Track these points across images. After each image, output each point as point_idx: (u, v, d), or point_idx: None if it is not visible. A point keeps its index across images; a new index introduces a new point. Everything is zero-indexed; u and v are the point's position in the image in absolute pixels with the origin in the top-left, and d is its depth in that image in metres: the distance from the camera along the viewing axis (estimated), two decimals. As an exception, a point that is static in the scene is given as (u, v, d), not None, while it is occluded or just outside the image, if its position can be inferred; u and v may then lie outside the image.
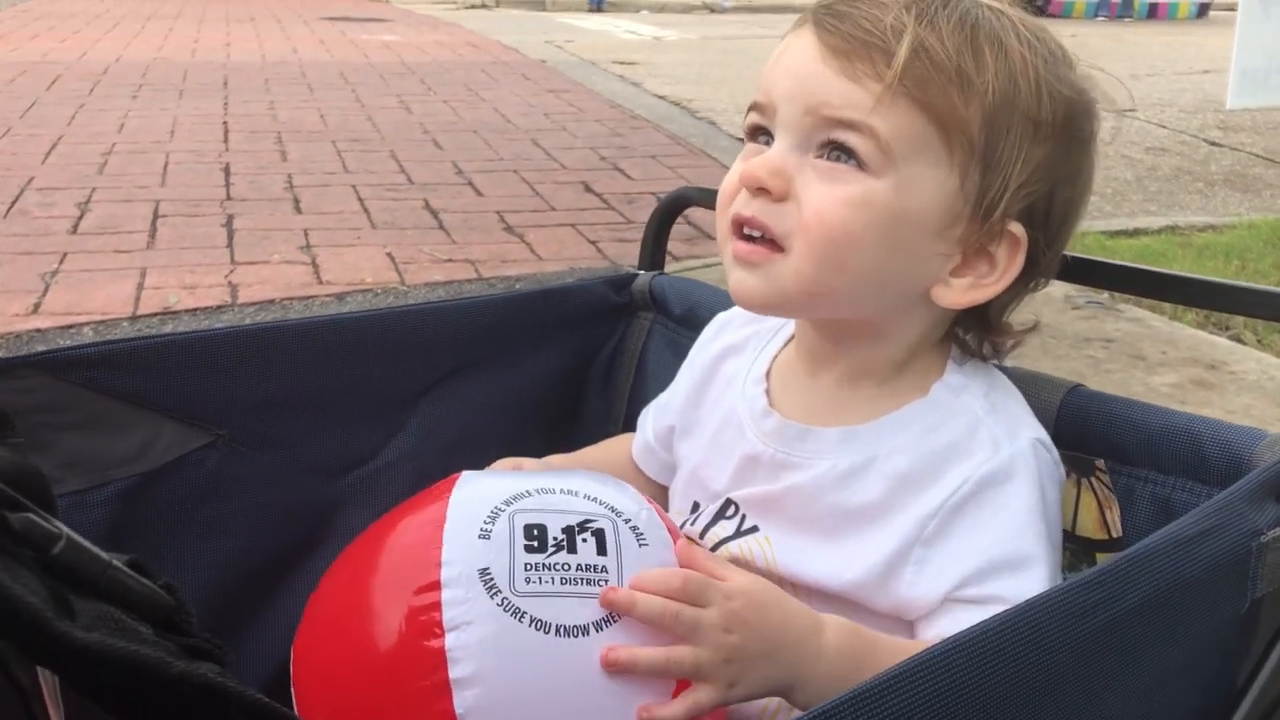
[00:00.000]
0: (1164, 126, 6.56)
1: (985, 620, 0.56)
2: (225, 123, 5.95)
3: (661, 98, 7.08)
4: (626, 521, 0.79)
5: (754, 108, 0.87)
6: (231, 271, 3.45)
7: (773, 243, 0.82)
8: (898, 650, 0.74)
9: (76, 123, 5.80)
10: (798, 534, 0.86)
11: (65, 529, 0.41)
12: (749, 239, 0.83)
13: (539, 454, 1.03)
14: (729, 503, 0.92)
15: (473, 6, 15.51)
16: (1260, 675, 0.71)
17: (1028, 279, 0.87)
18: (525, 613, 0.71)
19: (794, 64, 0.83)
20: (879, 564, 0.81)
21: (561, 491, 0.80)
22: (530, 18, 14.04)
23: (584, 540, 0.76)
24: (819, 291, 0.82)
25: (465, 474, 0.83)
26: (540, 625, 0.71)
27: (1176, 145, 6.03)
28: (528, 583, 0.72)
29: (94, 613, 0.40)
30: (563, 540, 0.75)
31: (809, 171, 0.81)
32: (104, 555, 0.43)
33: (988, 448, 0.81)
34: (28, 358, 0.86)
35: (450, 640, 0.69)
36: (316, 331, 1.01)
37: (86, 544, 0.42)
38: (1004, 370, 0.92)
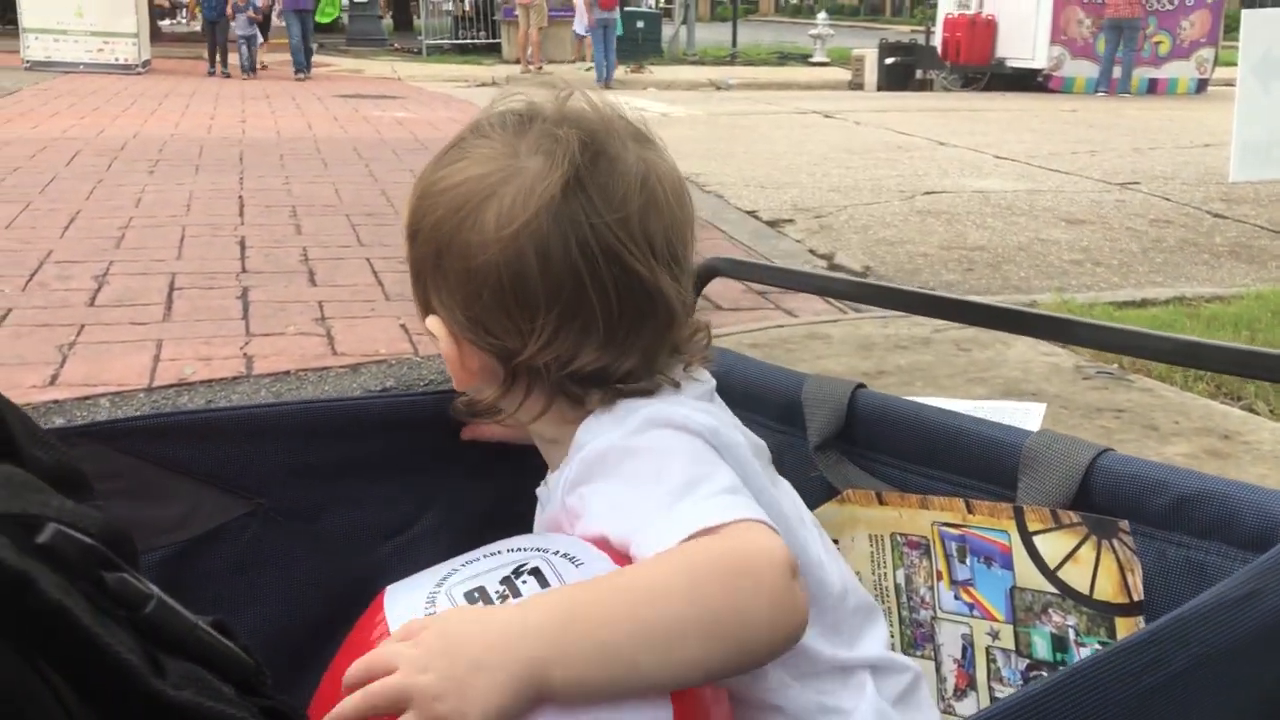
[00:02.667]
0: (1168, 199, 6.63)
1: (1038, 682, 0.57)
2: (240, 197, 6.04)
3: (670, 172, 7.17)
4: (556, 553, 0.81)
5: None
6: (247, 343, 3.48)
7: None
8: (601, 579, 0.76)
9: (94, 197, 5.90)
10: None
11: (155, 589, 0.43)
12: None
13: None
14: None
15: (484, 84, 15.80)
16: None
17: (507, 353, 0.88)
18: None
19: None
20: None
21: (485, 556, 0.84)
22: (540, 95, 14.26)
23: (524, 583, 0.78)
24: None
25: (389, 589, 0.86)
26: None
27: (1181, 217, 6.09)
28: None
29: (182, 671, 0.41)
30: (504, 591, 0.78)
31: None
32: (191, 616, 0.44)
33: (592, 437, 0.86)
34: (84, 427, 0.88)
35: None
36: (355, 411, 1.04)
37: (175, 604, 0.43)
38: (1026, 433, 0.93)
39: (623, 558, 0.80)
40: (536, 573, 0.79)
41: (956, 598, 1.06)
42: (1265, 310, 4.03)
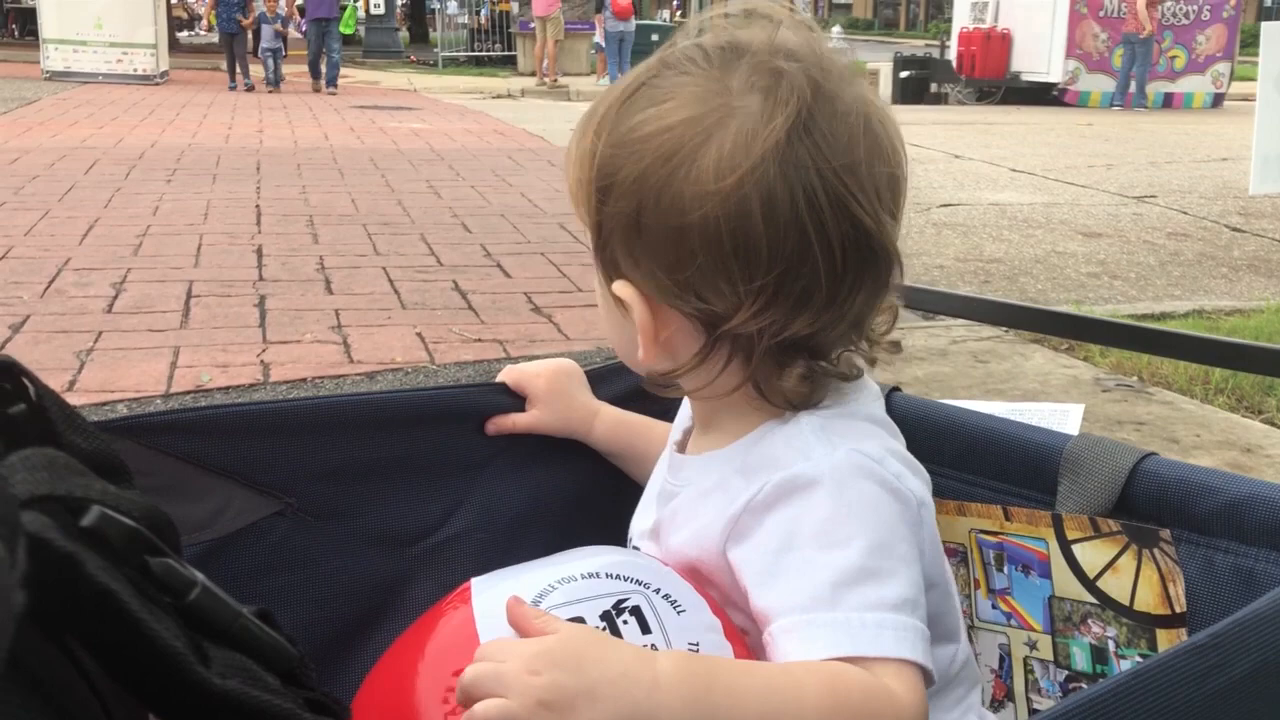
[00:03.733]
0: (1185, 213, 6.60)
1: (1102, 684, 0.55)
2: (258, 206, 6.06)
3: (685, 183, 7.17)
4: (657, 591, 0.78)
5: None
6: (264, 350, 3.48)
7: None
8: (742, 667, 0.72)
9: (113, 206, 5.92)
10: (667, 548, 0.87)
11: (200, 576, 0.42)
12: None
13: (603, 521, 1.03)
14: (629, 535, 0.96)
15: (499, 96, 15.86)
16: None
17: (714, 323, 0.80)
18: None
19: None
20: (702, 544, 0.81)
21: (583, 576, 0.79)
22: (556, 107, 14.32)
23: (625, 623, 0.75)
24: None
25: (475, 581, 0.82)
26: None
27: (1199, 231, 6.06)
28: None
29: (226, 660, 0.40)
30: (604, 627, 0.74)
31: None
32: (235, 604, 0.43)
33: (797, 457, 0.79)
34: (113, 422, 0.88)
35: None
36: (383, 405, 1.02)
37: (220, 592, 0.42)
38: (1071, 437, 0.92)
39: (728, 606, 0.79)
40: (637, 613, 0.75)
41: (994, 607, 1.04)
42: (1287, 324, 4.01)
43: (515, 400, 1.09)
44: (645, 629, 0.75)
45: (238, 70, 15.85)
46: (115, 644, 0.37)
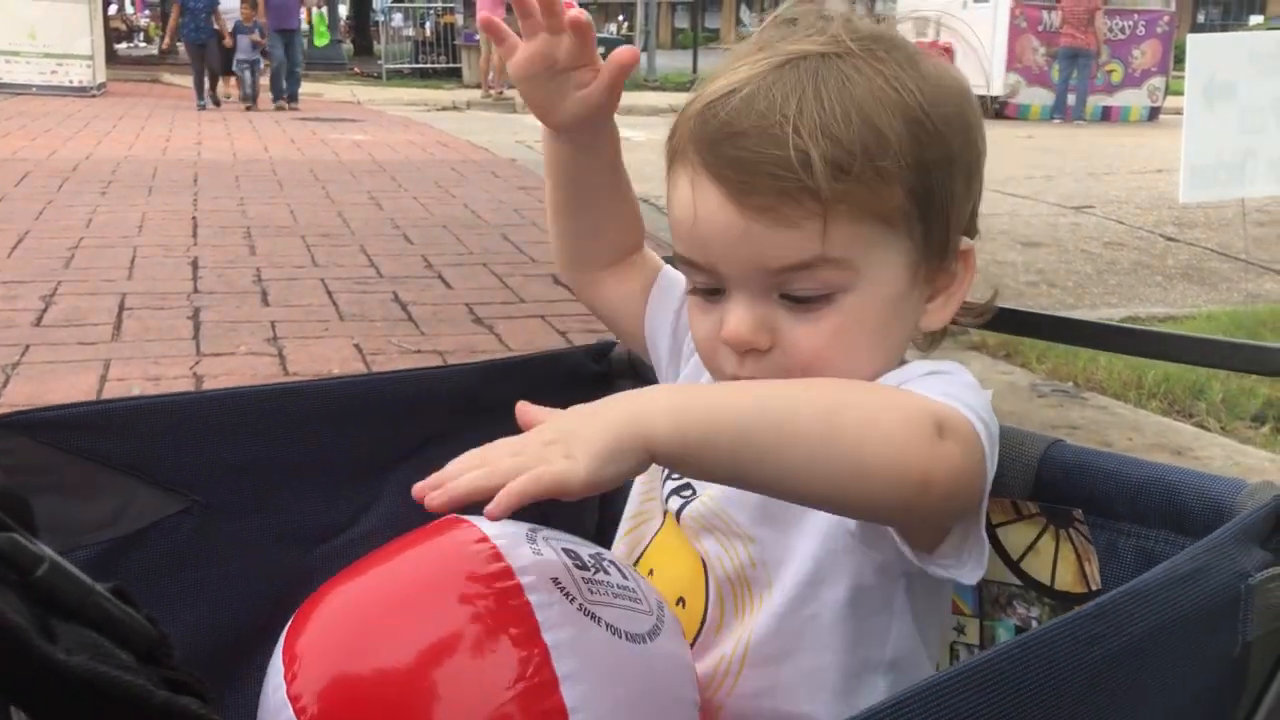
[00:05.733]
0: (1121, 222, 6.73)
1: (989, 651, 0.56)
2: (194, 218, 5.97)
3: (629, 194, 7.18)
4: (621, 563, 0.85)
5: (690, 265, 0.86)
6: (197, 363, 3.43)
7: None
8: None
9: (44, 218, 5.80)
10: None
11: (49, 552, 0.40)
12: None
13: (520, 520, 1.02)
14: (686, 484, 0.95)
15: (444, 108, 15.78)
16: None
17: None
18: (600, 618, 0.75)
19: (717, 227, 0.81)
20: None
21: (560, 531, 0.85)
22: (501, 119, 14.28)
23: (608, 566, 0.82)
24: None
25: (460, 517, 0.83)
26: (614, 630, 0.75)
27: (1134, 240, 6.17)
28: (591, 592, 0.77)
29: (76, 638, 0.39)
30: (594, 563, 0.80)
31: (783, 314, 0.82)
32: (88, 581, 0.42)
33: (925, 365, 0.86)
34: (11, 418, 0.85)
35: (550, 639, 0.72)
36: (291, 396, 1.01)
37: (71, 568, 0.41)
38: None
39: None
40: (615, 564, 0.82)
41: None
42: (1216, 330, 4.09)
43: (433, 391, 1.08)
44: (624, 576, 0.82)
45: (206, 85, 14.36)
46: (-46, 621, 0.35)
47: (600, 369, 1.22)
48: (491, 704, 0.69)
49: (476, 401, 1.10)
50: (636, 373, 1.22)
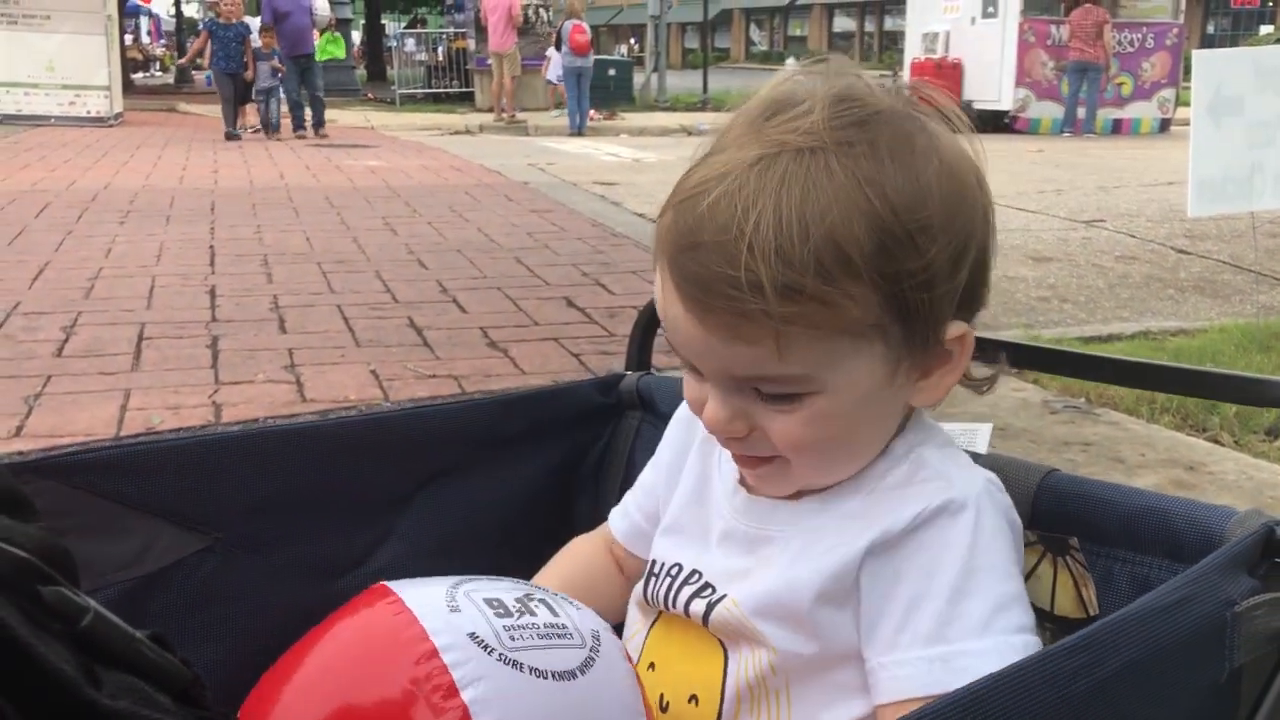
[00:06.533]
0: (1133, 236, 6.73)
1: (972, 683, 0.58)
2: (212, 247, 6.03)
3: (641, 215, 7.23)
4: (555, 596, 0.87)
5: (675, 352, 0.87)
6: (215, 391, 3.47)
7: (769, 458, 0.86)
8: None
9: (64, 249, 5.88)
10: (765, 589, 0.88)
11: (92, 603, 0.43)
12: (745, 456, 0.88)
13: (531, 553, 1.04)
14: (694, 572, 0.94)
15: (457, 132, 15.88)
16: (1245, 745, 0.72)
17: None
18: (522, 663, 0.76)
19: (684, 335, 0.82)
20: (831, 573, 0.83)
21: (487, 579, 0.87)
22: (513, 142, 14.37)
23: (536, 606, 0.83)
24: (833, 475, 0.87)
25: (390, 583, 0.86)
26: (538, 673, 0.77)
27: (1146, 253, 6.17)
28: (512, 639, 0.78)
29: (119, 683, 0.42)
30: (519, 607, 0.82)
31: (759, 405, 0.83)
32: (128, 628, 0.44)
33: (942, 483, 0.84)
34: (35, 462, 0.88)
35: (468, 695, 0.73)
36: (309, 434, 1.04)
37: (112, 617, 0.44)
38: (980, 456, 0.95)
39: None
40: (545, 603, 0.84)
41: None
42: (1228, 343, 4.09)
43: (445, 427, 1.11)
44: (554, 613, 0.83)
45: (236, 115, 14.08)
46: (6, 669, 0.38)
47: (609, 401, 1.25)
48: None
49: (488, 435, 1.13)
50: (645, 405, 1.24)
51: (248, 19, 14.72)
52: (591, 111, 16.61)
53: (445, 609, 0.79)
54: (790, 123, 0.79)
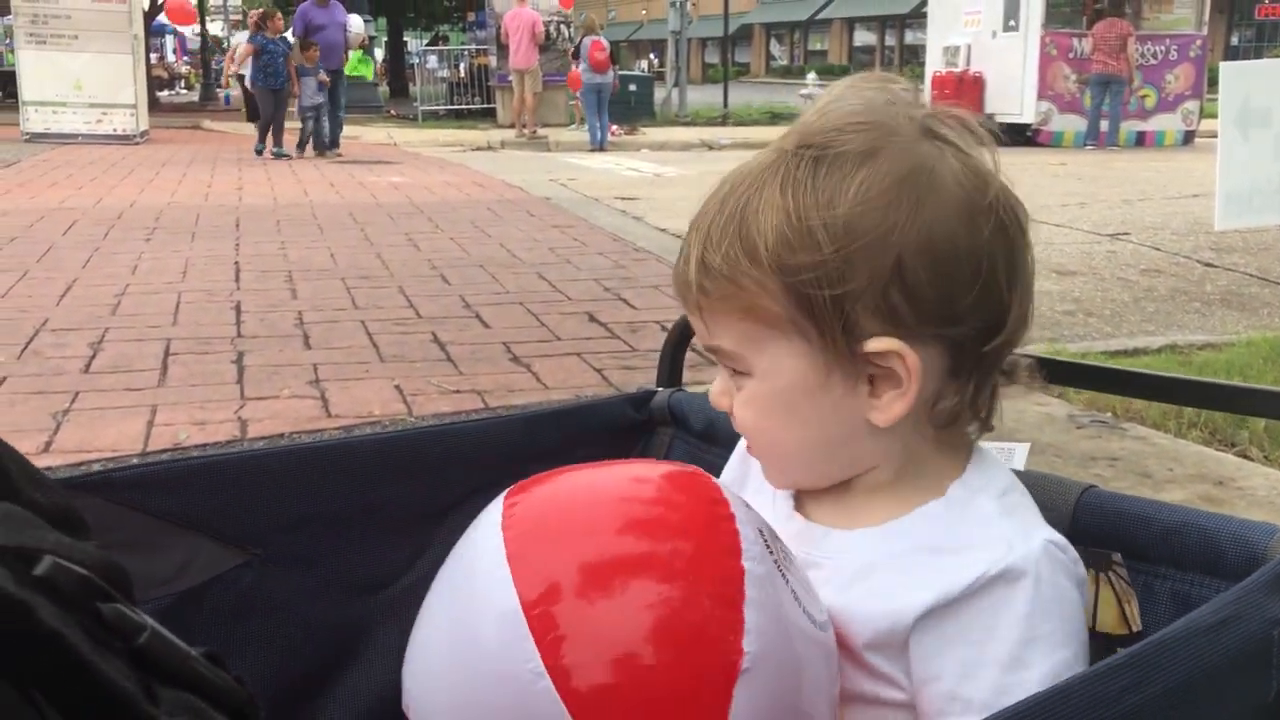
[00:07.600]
0: (1158, 249, 6.69)
1: (1017, 704, 0.58)
2: (237, 263, 6.08)
3: (663, 230, 7.25)
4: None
5: None
6: (241, 407, 3.49)
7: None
8: None
9: (91, 265, 5.94)
10: None
11: (150, 620, 0.44)
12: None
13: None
14: None
15: (479, 148, 15.96)
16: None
17: (961, 359, 0.85)
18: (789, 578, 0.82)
19: None
20: (886, 628, 0.83)
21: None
22: (535, 158, 14.43)
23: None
24: (790, 474, 0.92)
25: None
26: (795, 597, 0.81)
27: (1171, 267, 6.14)
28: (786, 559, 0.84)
29: (176, 700, 0.42)
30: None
31: (731, 382, 0.91)
32: (184, 646, 0.45)
33: (1000, 546, 0.82)
34: (78, 479, 0.90)
35: (748, 565, 0.78)
36: (344, 452, 1.05)
37: (169, 635, 0.44)
38: (1017, 472, 0.94)
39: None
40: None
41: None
42: (1256, 356, 4.06)
43: (478, 443, 1.11)
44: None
45: (269, 133, 13.70)
46: (68, 686, 0.39)
47: (641, 417, 1.25)
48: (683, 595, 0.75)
49: (520, 452, 1.13)
50: (677, 421, 1.25)
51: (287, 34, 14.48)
52: (613, 126, 16.67)
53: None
54: (780, 141, 0.88)
